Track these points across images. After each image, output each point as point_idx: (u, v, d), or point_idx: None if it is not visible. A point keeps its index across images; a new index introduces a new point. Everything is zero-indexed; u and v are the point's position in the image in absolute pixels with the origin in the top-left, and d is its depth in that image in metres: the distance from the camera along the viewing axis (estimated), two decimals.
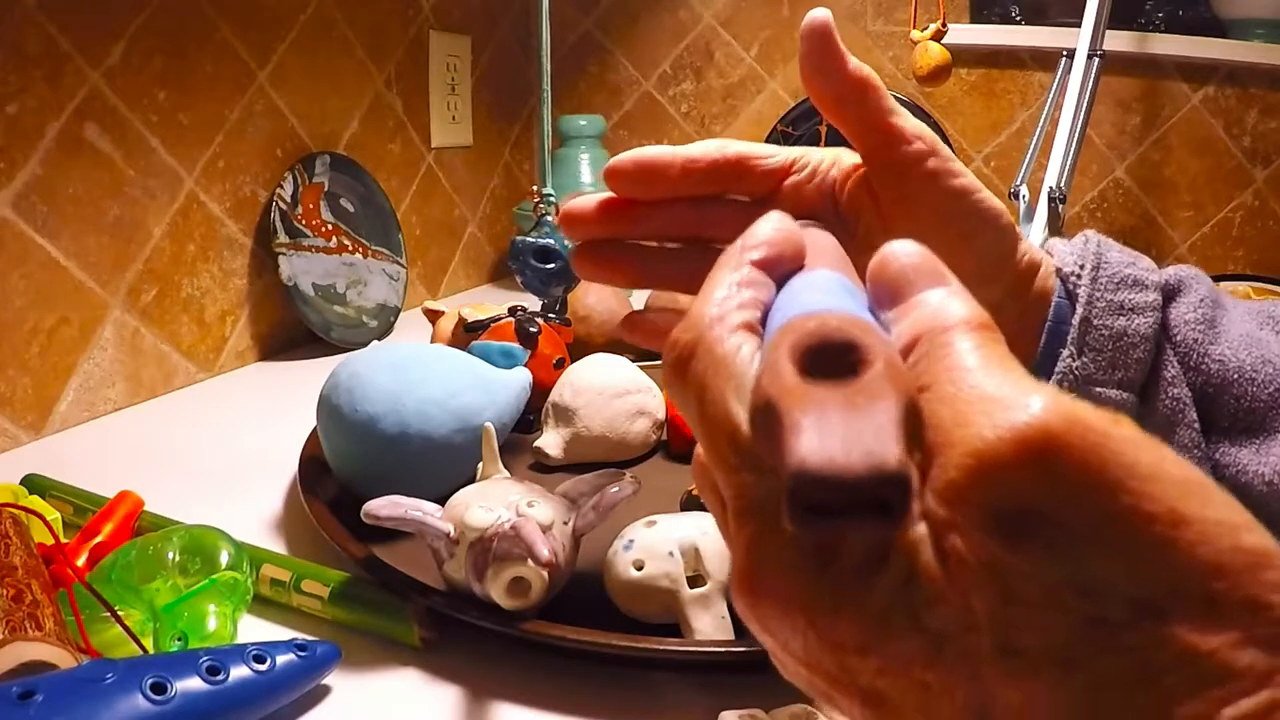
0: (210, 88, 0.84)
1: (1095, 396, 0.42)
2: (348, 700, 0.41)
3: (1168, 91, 1.17)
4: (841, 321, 0.19)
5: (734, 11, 1.30)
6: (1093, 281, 0.42)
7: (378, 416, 0.52)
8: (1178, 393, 0.42)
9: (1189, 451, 0.41)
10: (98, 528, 0.51)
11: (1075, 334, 0.41)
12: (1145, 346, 0.41)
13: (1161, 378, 0.42)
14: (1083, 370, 0.41)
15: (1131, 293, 0.42)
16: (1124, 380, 0.42)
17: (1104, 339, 0.41)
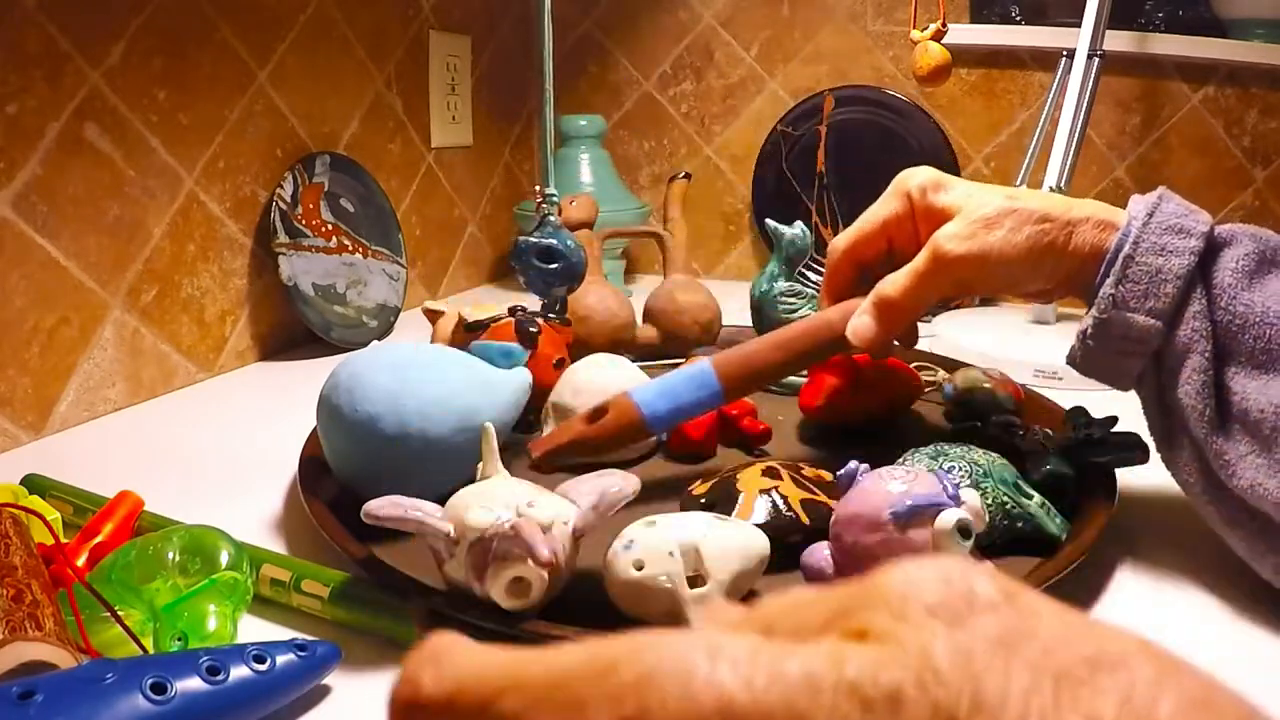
0: (210, 88, 0.84)
1: (1128, 321, 0.49)
2: (348, 700, 0.41)
3: (1168, 91, 1.17)
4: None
5: (734, 11, 1.30)
6: (1144, 225, 0.49)
7: (377, 416, 0.52)
8: (1198, 325, 0.48)
9: (1197, 374, 0.48)
10: (98, 528, 0.51)
11: (1119, 266, 0.49)
12: (1176, 283, 0.48)
13: (1187, 311, 0.48)
14: (1119, 296, 0.49)
15: (1175, 238, 0.49)
16: (1153, 309, 0.48)
17: (1141, 273, 0.48)
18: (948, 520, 0.42)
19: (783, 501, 0.51)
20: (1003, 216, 0.51)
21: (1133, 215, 0.50)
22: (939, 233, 0.52)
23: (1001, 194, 0.52)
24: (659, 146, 1.38)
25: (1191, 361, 0.48)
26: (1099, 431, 0.57)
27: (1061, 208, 0.51)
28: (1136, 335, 0.49)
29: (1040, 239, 0.50)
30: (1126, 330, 0.49)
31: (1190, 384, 0.48)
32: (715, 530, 0.43)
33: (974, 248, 0.51)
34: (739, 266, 1.38)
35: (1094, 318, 0.50)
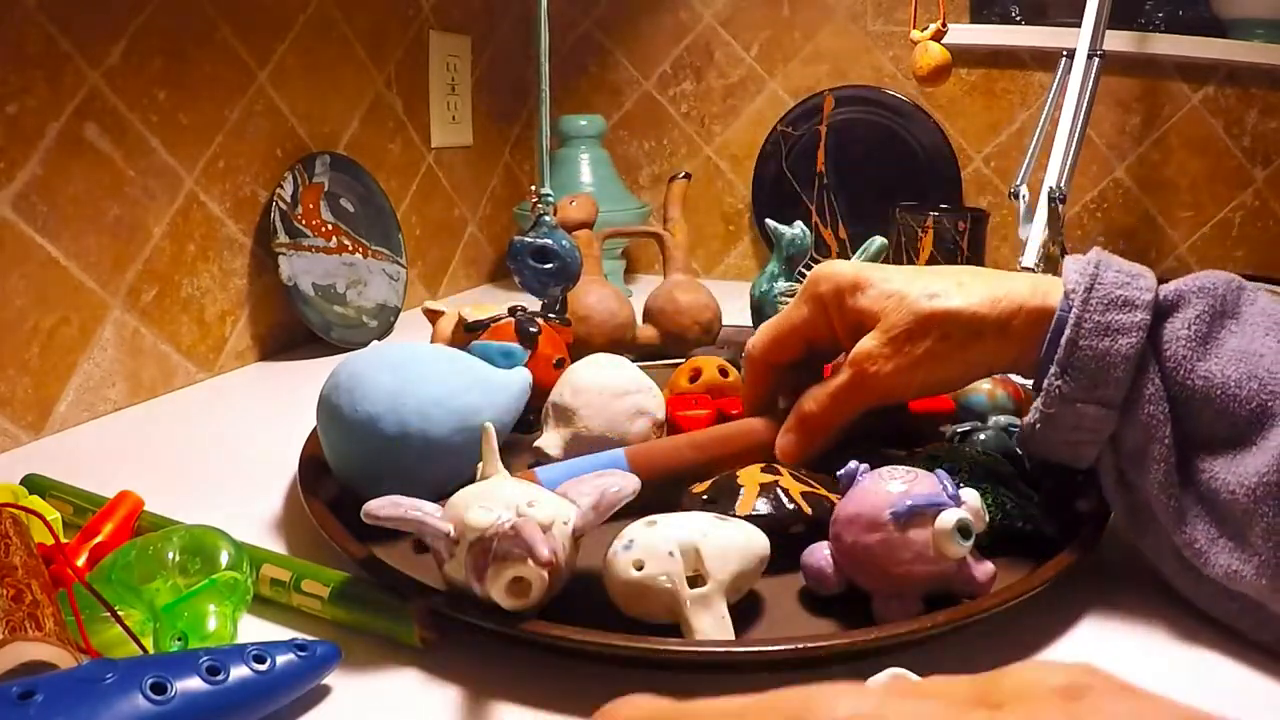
0: (210, 88, 0.84)
1: (1077, 411, 0.46)
2: (348, 700, 0.41)
3: (1168, 91, 1.17)
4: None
5: (734, 11, 1.30)
6: (1084, 303, 0.45)
7: (378, 416, 0.52)
8: (1154, 410, 0.45)
9: (1159, 463, 0.44)
10: (98, 528, 0.51)
11: (1061, 354, 0.45)
12: (1126, 366, 0.44)
13: (1142, 395, 0.45)
14: (1065, 389, 0.46)
15: (1120, 313, 0.45)
16: (1104, 398, 0.45)
17: (1087, 359, 0.45)
18: (948, 520, 0.42)
19: (784, 494, 0.51)
20: (926, 326, 0.48)
21: (1070, 288, 0.46)
22: (859, 348, 0.50)
23: (924, 290, 0.49)
24: (659, 146, 1.38)
25: (1153, 451, 0.45)
26: None
27: (989, 301, 0.48)
28: (1089, 425, 0.46)
29: (971, 340, 0.48)
30: (1078, 421, 0.46)
31: (1153, 474, 0.45)
32: (715, 530, 0.43)
33: (898, 365, 0.49)
34: (739, 266, 1.38)
35: (1040, 411, 0.47)
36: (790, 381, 0.57)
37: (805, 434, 0.54)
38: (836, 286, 0.52)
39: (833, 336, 0.54)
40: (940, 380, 0.51)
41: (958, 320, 0.48)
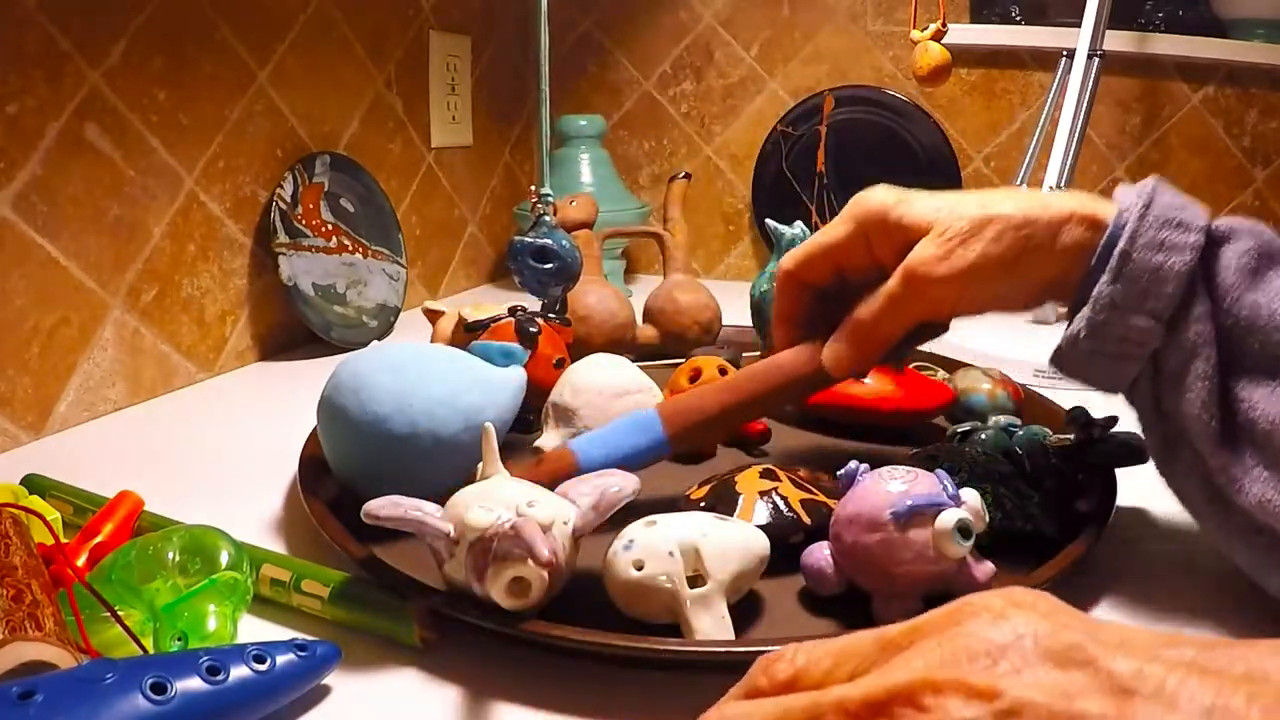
0: (210, 88, 0.84)
1: (1125, 321, 0.45)
2: (348, 700, 0.41)
3: (1168, 91, 1.17)
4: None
5: (734, 11, 1.30)
6: (1139, 218, 0.45)
7: (385, 416, 0.52)
8: (1201, 329, 0.45)
9: (1202, 382, 0.44)
10: (98, 528, 0.51)
11: (1114, 263, 0.45)
12: (1177, 283, 0.44)
13: (1190, 314, 0.45)
14: (1115, 296, 0.45)
15: (1174, 233, 0.45)
16: (1153, 310, 0.45)
17: (1139, 271, 0.45)
18: (948, 520, 0.42)
19: (783, 502, 0.51)
20: (979, 228, 0.47)
21: (1125, 207, 0.46)
22: (912, 254, 0.48)
23: (973, 202, 0.48)
24: (659, 146, 1.38)
25: (1196, 368, 0.44)
26: (1099, 431, 0.57)
27: (1040, 207, 0.47)
28: (1135, 338, 0.45)
29: (1024, 245, 0.46)
30: (1125, 332, 0.45)
31: (1194, 393, 0.44)
32: (715, 530, 0.43)
33: (953, 267, 0.47)
34: (739, 266, 1.38)
35: (1088, 318, 0.45)
36: (820, 315, 0.54)
37: (857, 343, 0.51)
38: (881, 204, 0.51)
39: (867, 263, 0.52)
40: (989, 295, 0.49)
41: (1011, 222, 0.47)
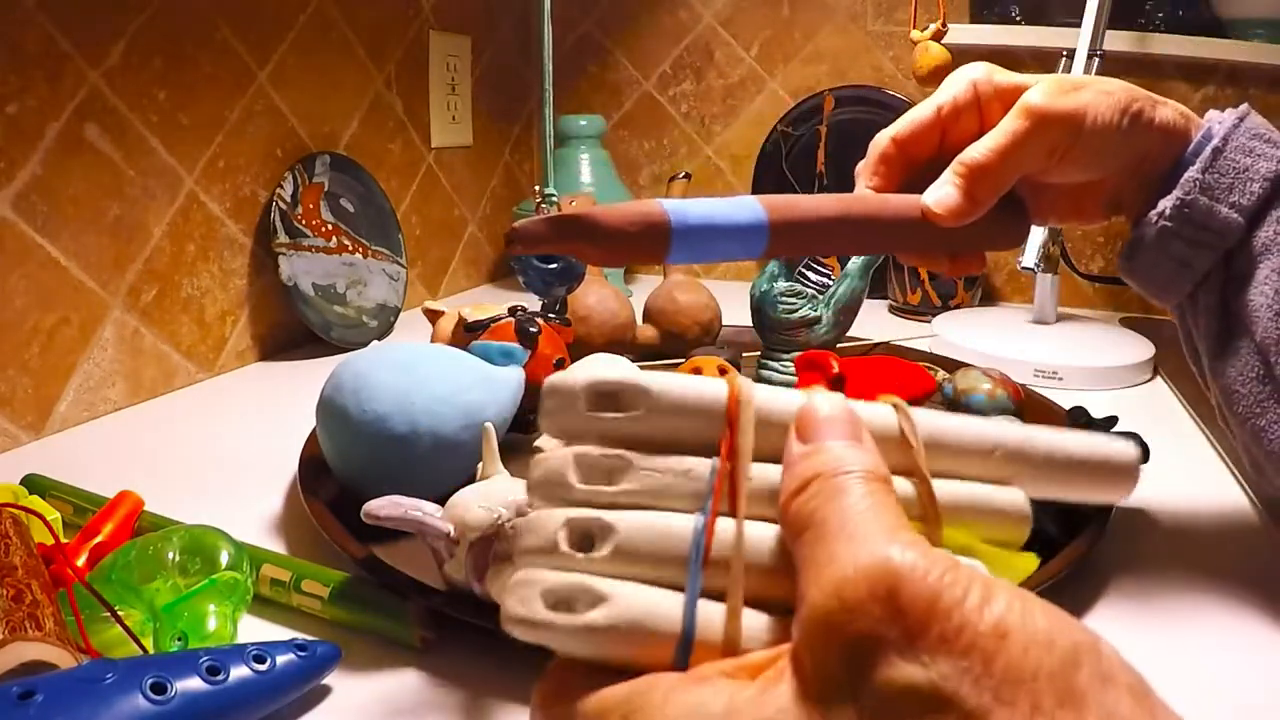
0: (210, 88, 0.84)
1: (1210, 210, 0.47)
2: (348, 700, 0.41)
3: (1168, 91, 1.17)
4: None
5: (734, 11, 1.30)
6: (1233, 126, 0.47)
7: (386, 415, 0.52)
8: (1278, 229, 0.46)
9: (1275, 275, 0.46)
10: (98, 528, 0.51)
11: (1207, 155, 0.47)
12: (1263, 184, 0.46)
13: (1270, 214, 0.47)
14: (1205, 182, 0.47)
15: (1263, 144, 0.47)
16: (1237, 204, 0.47)
17: (1229, 166, 0.47)
18: None
19: None
20: (1090, 82, 0.48)
21: (1218, 120, 0.48)
22: (1028, 94, 0.47)
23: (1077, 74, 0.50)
24: (659, 146, 1.38)
25: (1270, 262, 0.46)
26: (1099, 431, 0.57)
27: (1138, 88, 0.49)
28: (1217, 227, 0.47)
29: (1130, 103, 0.47)
30: (1208, 219, 0.47)
31: (1268, 284, 0.46)
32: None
33: (1071, 103, 0.47)
34: (739, 266, 1.38)
35: (1177, 199, 0.47)
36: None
37: (971, 184, 0.47)
38: (988, 68, 0.50)
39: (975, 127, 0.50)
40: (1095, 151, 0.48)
41: (1117, 84, 0.48)
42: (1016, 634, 0.19)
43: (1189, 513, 0.51)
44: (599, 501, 0.26)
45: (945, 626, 0.20)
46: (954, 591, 0.20)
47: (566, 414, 0.26)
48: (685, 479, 0.25)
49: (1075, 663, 0.19)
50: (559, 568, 0.25)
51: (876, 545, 0.21)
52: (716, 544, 0.24)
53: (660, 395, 0.26)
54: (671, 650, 0.24)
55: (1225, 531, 0.55)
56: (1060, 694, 0.19)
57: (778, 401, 0.27)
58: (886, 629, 0.20)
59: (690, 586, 0.24)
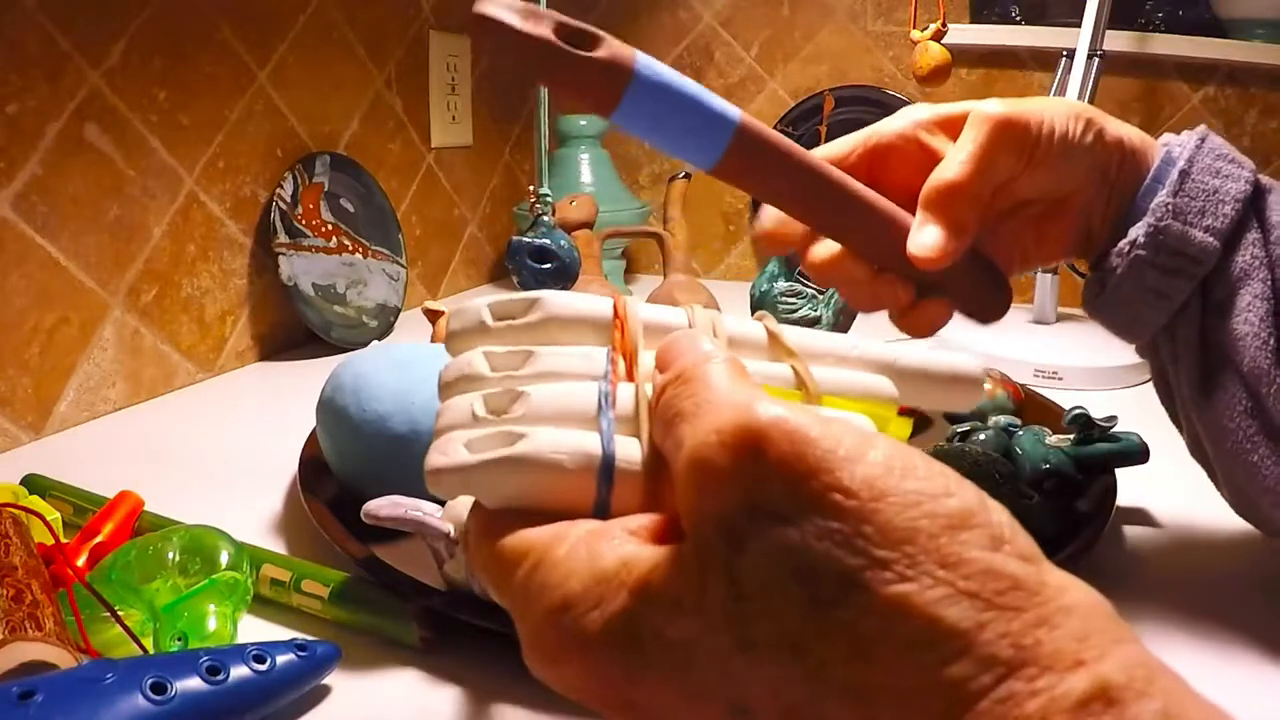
0: (210, 88, 0.84)
1: (1185, 234, 0.44)
2: (348, 700, 0.41)
3: (1168, 91, 1.17)
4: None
5: (734, 11, 1.30)
6: (1196, 148, 0.46)
7: (387, 415, 0.52)
8: (1256, 252, 0.45)
9: (1260, 302, 0.44)
10: (98, 528, 0.51)
11: (1174, 179, 0.45)
12: (1235, 205, 0.45)
13: (1245, 237, 0.45)
14: (1176, 206, 0.44)
15: (1229, 165, 0.46)
16: (1211, 228, 0.45)
17: (1198, 189, 0.45)
18: None
19: None
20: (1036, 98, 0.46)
21: (1177, 142, 0.46)
22: (980, 107, 0.44)
23: None
24: None
25: (1251, 288, 0.44)
26: (1099, 431, 0.57)
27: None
28: (1192, 252, 0.44)
29: (1083, 112, 0.45)
30: (1183, 245, 0.44)
31: (1251, 311, 0.44)
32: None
33: (1025, 107, 0.44)
34: (739, 266, 1.38)
35: (1148, 226, 0.44)
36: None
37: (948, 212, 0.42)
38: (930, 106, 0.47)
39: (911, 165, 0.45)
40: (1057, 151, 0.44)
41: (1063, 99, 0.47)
42: (893, 494, 0.19)
43: (1188, 512, 0.51)
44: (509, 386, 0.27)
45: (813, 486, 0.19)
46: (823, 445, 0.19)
47: (470, 331, 0.28)
48: (586, 360, 0.27)
49: (960, 525, 0.18)
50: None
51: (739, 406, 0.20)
52: (620, 401, 0.25)
53: (551, 300, 0.28)
54: (594, 483, 0.24)
55: (1225, 531, 0.55)
56: (942, 556, 0.18)
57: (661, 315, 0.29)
58: (754, 492, 0.19)
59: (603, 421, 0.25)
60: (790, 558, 0.19)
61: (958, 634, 0.17)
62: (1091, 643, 0.17)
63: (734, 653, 0.19)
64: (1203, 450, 0.48)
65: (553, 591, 0.22)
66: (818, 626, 0.18)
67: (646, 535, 0.22)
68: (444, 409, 0.27)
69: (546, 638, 0.22)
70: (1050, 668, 0.17)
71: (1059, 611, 0.18)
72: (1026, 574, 0.18)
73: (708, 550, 0.20)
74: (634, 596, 0.20)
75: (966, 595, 0.18)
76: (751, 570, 0.19)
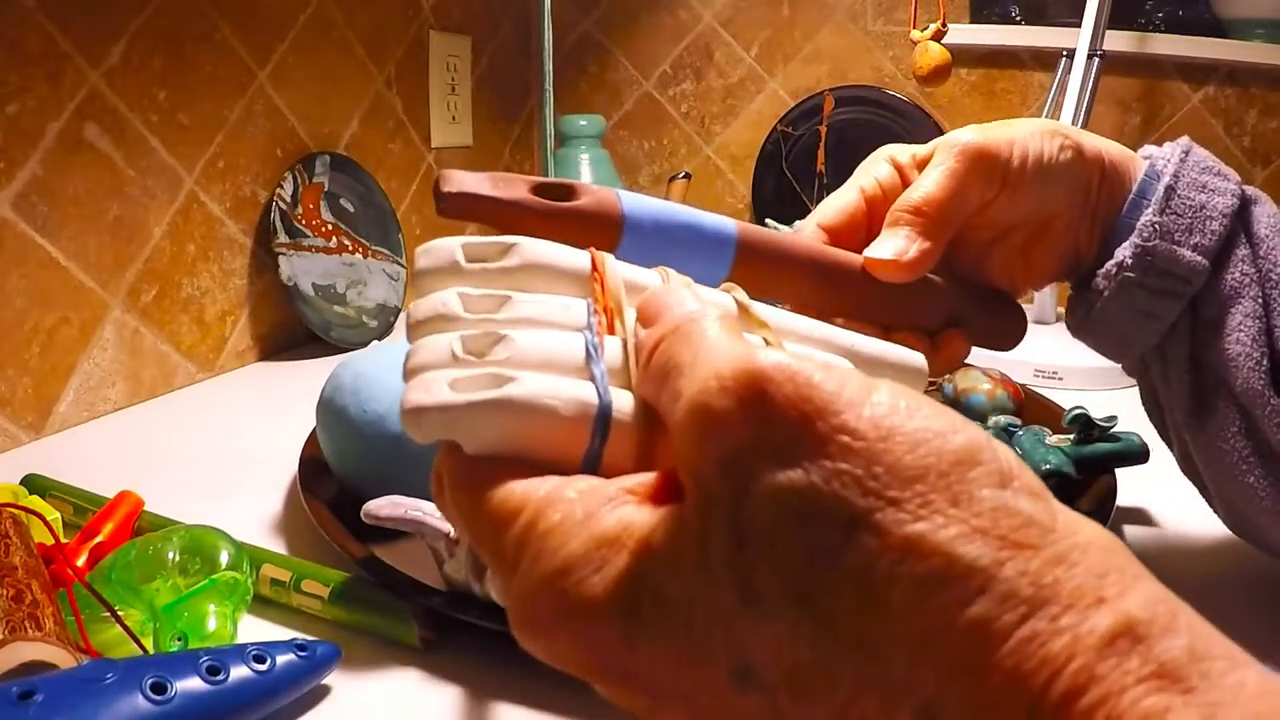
0: (210, 88, 0.84)
1: (1173, 254, 0.43)
2: (348, 700, 0.41)
3: (1168, 91, 1.17)
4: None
5: (734, 11, 1.30)
6: (1180, 162, 0.44)
7: (387, 415, 0.52)
8: (1246, 269, 0.44)
9: (1251, 320, 0.43)
10: (98, 528, 0.51)
11: (1159, 196, 0.44)
12: (1223, 221, 0.44)
13: (1234, 254, 0.44)
14: (1163, 224, 0.43)
15: (1215, 178, 0.45)
16: (1199, 246, 0.44)
17: (1185, 205, 0.44)
18: None
19: None
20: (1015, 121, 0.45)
21: (1161, 156, 0.45)
22: (954, 135, 0.44)
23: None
24: (659, 146, 1.38)
25: (1242, 307, 0.43)
26: (1099, 431, 0.57)
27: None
28: (1181, 272, 0.43)
29: (1058, 131, 0.44)
30: (1171, 264, 0.43)
31: (1243, 331, 0.43)
32: None
33: (1000, 133, 0.43)
34: None
35: (1135, 246, 0.43)
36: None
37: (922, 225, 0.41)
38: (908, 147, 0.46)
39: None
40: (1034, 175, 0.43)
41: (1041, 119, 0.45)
42: (900, 433, 0.18)
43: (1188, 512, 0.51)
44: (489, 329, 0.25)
45: (820, 428, 0.18)
46: (827, 388, 0.19)
47: (441, 271, 0.26)
48: (565, 311, 0.25)
49: (968, 462, 0.18)
50: None
51: (739, 352, 0.20)
52: (608, 354, 0.24)
53: (529, 245, 0.26)
54: (588, 433, 0.23)
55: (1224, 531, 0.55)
56: (953, 495, 0.17)
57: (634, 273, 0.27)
58: (758, 436, 0.19)
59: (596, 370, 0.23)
60: (797, 501, 0.18)
61: (976, 571, 0.17)
62: (1111, 579, 0.17)
63: (737, 609, 0.18)
64: (1193, 466, 0.47)
65: (550, 556, 0.20)
66: (825, 575, 0.18)
67: (644, 494, 0.21)
68: (417, 347, 0.25)
69: (540, 603, 0.20)
70: (1072, 605, 0.16)
71: (1075, 548, 0.17)
72: (1037, 510, 0.18)
73: (710, 499, 0.19)
74: (635, 557, 0.20)
75: (981, 533, 0.17)
76: (755, 516, 0.18)
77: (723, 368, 0.19)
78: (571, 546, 0.20)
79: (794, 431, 0.18)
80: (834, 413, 0.18)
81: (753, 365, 0.19)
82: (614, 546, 0.20)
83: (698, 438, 0.19)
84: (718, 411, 0.19)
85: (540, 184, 0.33)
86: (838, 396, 0.18)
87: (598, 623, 0.20)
